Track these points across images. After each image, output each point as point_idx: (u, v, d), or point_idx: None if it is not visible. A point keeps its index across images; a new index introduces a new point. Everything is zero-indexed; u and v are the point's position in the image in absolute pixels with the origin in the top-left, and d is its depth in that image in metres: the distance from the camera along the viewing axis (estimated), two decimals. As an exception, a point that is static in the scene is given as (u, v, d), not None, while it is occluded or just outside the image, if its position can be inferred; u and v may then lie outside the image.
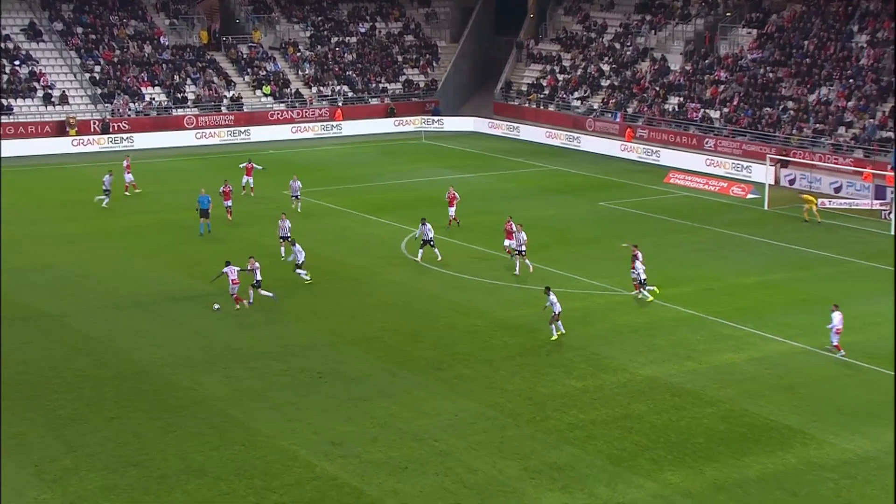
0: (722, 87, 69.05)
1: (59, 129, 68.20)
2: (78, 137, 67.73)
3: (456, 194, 47.22)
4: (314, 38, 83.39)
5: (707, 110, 67.98)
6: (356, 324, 34.80)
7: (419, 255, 41.70)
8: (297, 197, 49.86)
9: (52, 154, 65.46)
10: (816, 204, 49.77)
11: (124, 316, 35.32)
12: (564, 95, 77.07)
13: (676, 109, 69.73)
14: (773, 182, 56.16)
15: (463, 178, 60.77)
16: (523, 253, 40.11)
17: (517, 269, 40.14)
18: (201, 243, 44.67)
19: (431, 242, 41.60)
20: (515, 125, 76.58)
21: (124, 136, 69.07)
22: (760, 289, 39.06)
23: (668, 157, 65.28)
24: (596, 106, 74.58)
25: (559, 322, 33.26)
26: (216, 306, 35.92)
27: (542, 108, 77.75)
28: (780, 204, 52.10)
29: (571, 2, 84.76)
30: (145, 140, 68.92)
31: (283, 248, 41.60)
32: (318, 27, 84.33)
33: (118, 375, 29.98)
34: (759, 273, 41.13)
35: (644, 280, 37.16)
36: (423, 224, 41.51)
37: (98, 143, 67.88)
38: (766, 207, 52.75)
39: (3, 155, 63.67)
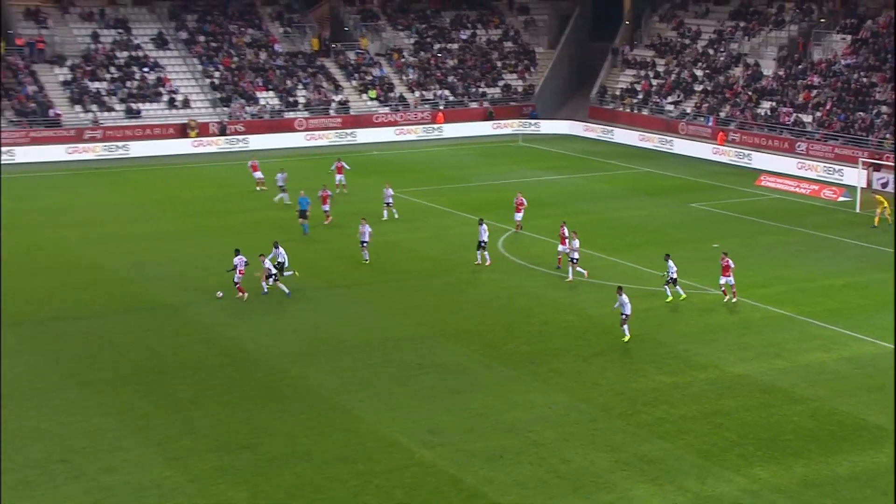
0: (815, 91, 67.48)
1: (182, 131, 69.70)
2: (198, 139, 69.14)
3: (523, 200, 45.82)
4: (418, 44, 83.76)
5: (799, 114, 66.49)
6: (455, 318, 34.83)
7: (478, 258, 40.73)
8: (389, 204, 48.77)
9: (175, 154, 66.90)
10: (889, 206, 48.22)
11: (239, 307, 35.86)
12: (658, 100, 76.12)
13: (769, 114, 68.34)
14: (864, 185, 54.69)
15: (557, 179, 60.47)
16: (575, 260, 38.84)
17: (570, 275, 38.87)
18: (304, 242, 45.18)
19: (483, 244, 40.42)
20: (609, 128, 75.89)
21: (240, 137, 70.34)
22: (850, 290, 38.06)
23: (760, 160, 64.01)
24: (689, 110, 73.50)
25: (625, 326, 32.40)
26: (219, 294, 36.40)
27: (635, 112, 76.90)
28: (871, 207, 50.66)
29: (667, 9, 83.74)
30: (259, 141, 70.04)
31: (365, 253, 41.09)
32: (421, 34, 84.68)
33: (232, 363, 30.48)
34: (849, 275, 40.08)
35: (674, 279, 36.28)
36: (480, 225, 40.83)
37: (216, 144, 69.28)
38: (857, 210, 51.38)
39: (131, 155, 65.50)
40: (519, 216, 45.52)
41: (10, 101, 67.22)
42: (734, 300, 36.08)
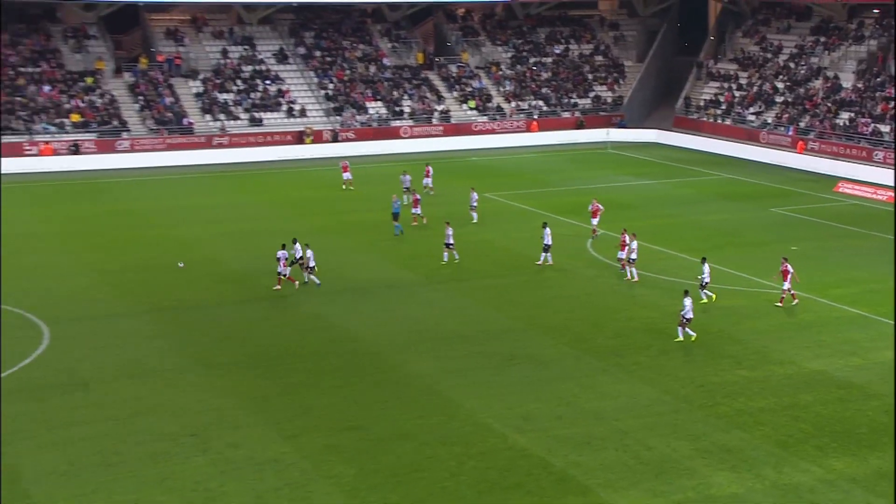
0: (893, 103, 65.33)
1: (298, 138, 70.78)
2: (313, 145, 70.12)
3: (599, 206, 44.42)
4: (515, 58, 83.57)
5: (877, 125, 64.46)
6: (546, 313, 34.71)
7: (541, 258, 40.38)
8: (474, 207, 48.37)
9: (291, 159, 68.00)
10: None
11: (349, 299, 36.25)
12: (740, 110, 74.62)
13: (847, 124, 66.41)
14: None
15: (644, 184, 59.73)
16: (633, 261, 38.27)
17: (631, 275, 38.21)
18: (406, 241, 45.42)
19: (547, 247, 40.07)
20: (694, 137, 74.67)
21: (350, 144, 71.12)
22: (925, 292, 36.80)
23: (838, 168, 62.30)
24: (770, 120, 71.87)
25: (687, 329, 31.60)
26: (181, 264, 38.10)
27: (718, 121, 75.51)
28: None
29: (750, 25, 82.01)
30: (367, 147, 70.73)
31: (445, 254, 40.89)
32: (518, 49, 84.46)
33: (342, 351, 30.84)
34: (923, 278, 38.76)
35: (706, 283, 35.39)
36: (544, 228, 40.47)
37: (329, 150, 70.07)
38: (932, 216, 49.63)
39: (251, 160, 66.76)
40: (595, 221, 44.44)
41: (151, 111, 69.12)
42: (794, 302, 35.08)
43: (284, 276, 36.63)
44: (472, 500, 22.06)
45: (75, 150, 64.56)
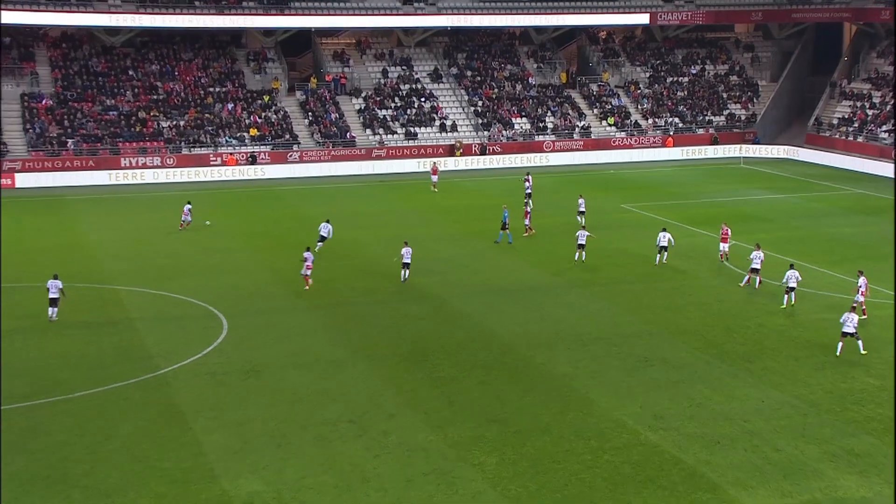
0: None
1: (449, 151, 71.43)
2: (462, 158, 70.63)
3: (729, 230, 41.58)
4: (653, 78, 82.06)
5: None
6: (679, 318, 33.94)
7: (657, 259, 40.88)
8: (582, 212, 48.60)
9: (443, 171, 68.62)
10: None
11: (494, 299, 36.30)
12: (873, 128, 71.10)
13: (983, 141, 62.32)
14: None
15: (776, 198, 57.66)
16: (756, 271, 37.23)
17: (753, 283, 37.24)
18: (541, 246, 45.11)
19: (662, 249, 40.67)
20: (825, 153, 71.60)
21: (497, 157, 71.26)
22: None
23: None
24: (904, 137, 68.18)
25: (859, 341, 30.10)
26: (207, 223, 41.02)
27: (850, 139, 72.17)
28: None
29: (885, 45, 78.08)
30: (511, 160, 70.75)
31: (576, 254, 41.32)
32: (656, 69, 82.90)
33: (486, 348, 30.89)
34: None
35: (792, 287, 34.08)
36: (663, 231, 41.05)
37: (478, 163, 70.43)
38: None
39: (406, 170, 67.70)
40: (725, 247, 41.25)
41: (318, 126, 71.09)
42: (863, 317, 32.79)
43: (306, 276, 36.98)
44: (607, 491, 21.75)
45: (252, 160, 67.01)
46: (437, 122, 73.82)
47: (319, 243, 41.99)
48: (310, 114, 72.21)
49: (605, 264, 41.51)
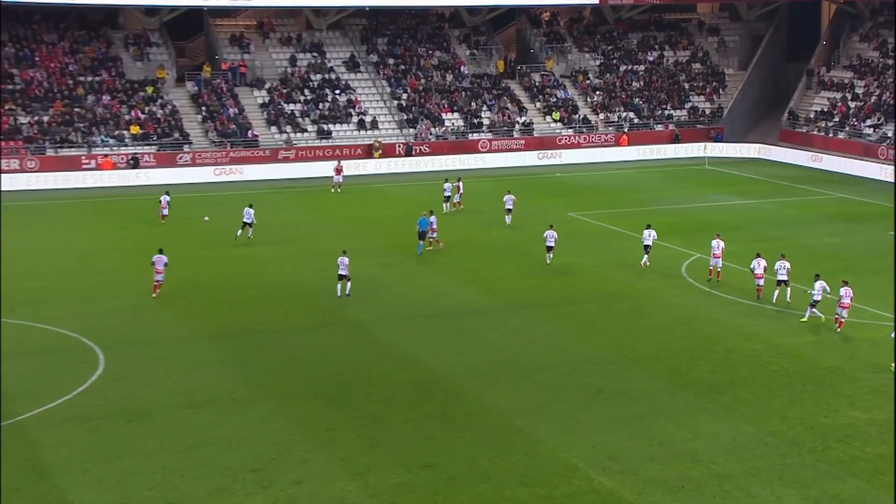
0: None
1: (367, 152, 71.48)
2: (383, 160, 70.78)
3: (722, 245, 41.99)
4: (603, 66, 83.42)
5: None
6: (637, 343, 34.44)
7: (643, 259, 43.54)
8: (510, 210, 51.91)
9: (360, 175, 68.66)
10: None
11: (423, 325, 36.41)
12: (856, 123, 73.30)
13: (976, 137, 64.75)
14: None
15: (746, 203, 59.00)
16: (786, 283, 38.61)
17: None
18: (482, 263, 45.48)
19: (648, 248, 43.48)
20: (802, 152, 73.57)
21: (425, 158, 71.60)
22: None
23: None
24: (890, 133, 70.43)
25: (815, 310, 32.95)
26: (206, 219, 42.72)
27: (831, 135, 74.27)
28: None
29: (868, 28, 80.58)
30: (441, 162, 71.11)
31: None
32: (607, 56, 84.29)
33: (415, 381, 30.95)
34: None
35: (817, 301, 35.86)
36: (648, 228, 43.67)
37: (402, 166, 70.68)
38: None
39: (319, 174, 67.51)
40: (717, 262, 41.65)
41: (214, 123, 70.54)
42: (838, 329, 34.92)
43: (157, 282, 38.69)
44: (556, 547, 21.91)
45: (134, 163, 66.17)
46: (355, 119, 73.92)
47: (240, 231, 47.01)
48: (203, 108, 71.66)
49: (552, 282, 41.92)
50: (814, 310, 35.80)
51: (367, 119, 73.94)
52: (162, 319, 36.80)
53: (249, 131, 70.55)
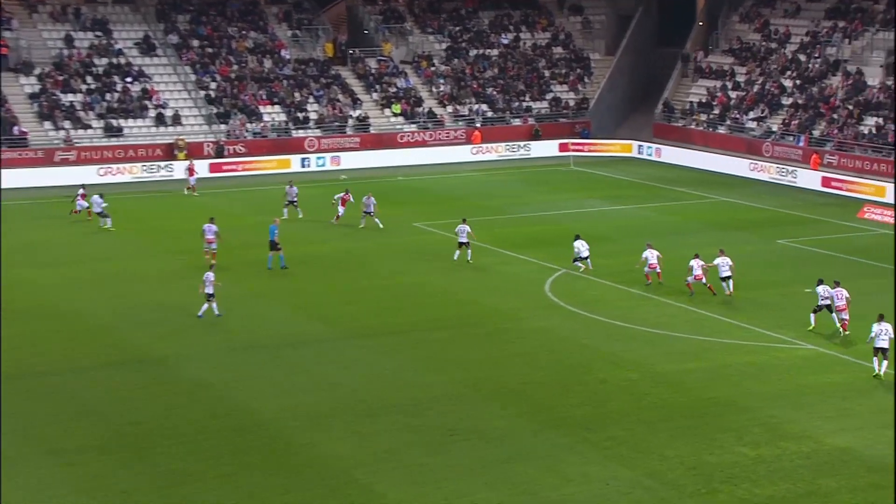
0: (926, 106, 67.36)
1: (170, 152, 70.53)
2: (188, 161, 69.90)
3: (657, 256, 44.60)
4: (451, 50, 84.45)
5: (909, 133, 66.41)
6: (495, 374, 34.97)
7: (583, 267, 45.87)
8: (370, 213, 53.67)
9: (161, 181, 67.65)
10: None
11: (243, 361, 36.15)
12: (737, 115, 76.28)
13: (874, 132, 68.30)
14: None
15: (617, 210, 60.65)
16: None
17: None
18: (316, 285, 45.55)
19: (581, 259, 45.90)
20: (679, 150, 76.09)
21: (239, 160, 71.14)
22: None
23: (863, 188, 64.01)
24: (775, 128, 73.60)
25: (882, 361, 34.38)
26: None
27: (710, 130, 77.05)
28: None
29: (749, 7, 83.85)
30: (260, 164, 70.84)
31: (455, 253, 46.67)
32: (455, 39, 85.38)
33: (235, 427, 30.67)
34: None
35: (827, 306, 38.49)
36: (578, 240, 45.86)
37: (214, 170, 70.02)
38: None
39: (108, 181, 66.31)
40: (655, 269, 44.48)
41: (-30, 118, 68.50)
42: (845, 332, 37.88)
43: None
44: None
45: None
46: (152, 112, 72.87)
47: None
48: (-41, 100, 69.46)
49: (397, 305, 42.24)
50: (832, 315, 38.15)
51: (168, 113, 73.01)
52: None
53: (15, 127, 68.64)
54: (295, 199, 56.52)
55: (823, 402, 32.87)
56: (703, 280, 42.86)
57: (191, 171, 64.30)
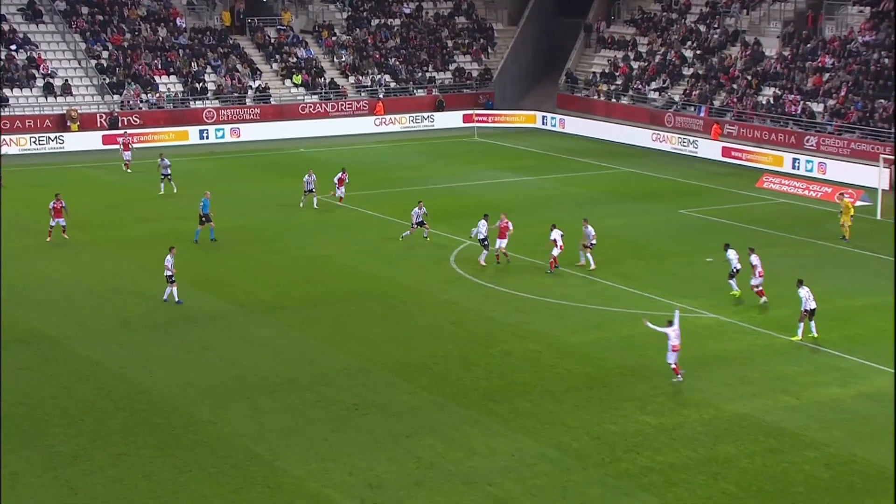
0: (827, 75, 68.50)
1: (60, 124, 69.20)
2: (80, 133, 68.67)
3: (510, 224, 44.09)
4: (352, 20, 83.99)
5: (809, 103, 67.46)
6: (399, 349, 34.94)
7: (481, 256, 43.62)
8: (311, 191, 52.32)
9: (51, 153, 66.30)
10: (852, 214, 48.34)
11: (136, 339, 35.71)
12: (640, 86, 76.93)
13: (772, 102, 69.29)
14: (887, 187, 55.55)
15: (520, 181, 60.87)
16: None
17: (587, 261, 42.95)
18: (213, 255, 45.06)
19: (484, 242, 43.33)
20: (582, 120, 76.56)
21: (134, 131, 69.96)
22: (872, 312, 38.62)
23: (762, 157, 64.93)
24: (677, 98, 74.37)
25: (811, 322, 35.05)
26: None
27: (613, 100, 77.63)
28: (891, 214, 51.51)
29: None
30: (157, 136, 69.84)
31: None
32: (356, 8, 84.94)
33: (127, 407, 30.30)
34: (870, 294, 40.69)
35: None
36: (485, 219, 43.34)
37: (106, 141, 68.80)
38: (878, 217, 52.21)
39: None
40: (503, 243, 43.73)
41: None
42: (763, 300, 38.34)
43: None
44: None
45: None
46: (40, 82, 71.36)
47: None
48: None
49: (296, 280, 41.92)
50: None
51: (57, 83, 71.49)
52: None
53: None
54: (167, 171, 55.33)
55: (723, 369, 33.39)
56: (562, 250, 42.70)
57: (125, 146, 61.68)
